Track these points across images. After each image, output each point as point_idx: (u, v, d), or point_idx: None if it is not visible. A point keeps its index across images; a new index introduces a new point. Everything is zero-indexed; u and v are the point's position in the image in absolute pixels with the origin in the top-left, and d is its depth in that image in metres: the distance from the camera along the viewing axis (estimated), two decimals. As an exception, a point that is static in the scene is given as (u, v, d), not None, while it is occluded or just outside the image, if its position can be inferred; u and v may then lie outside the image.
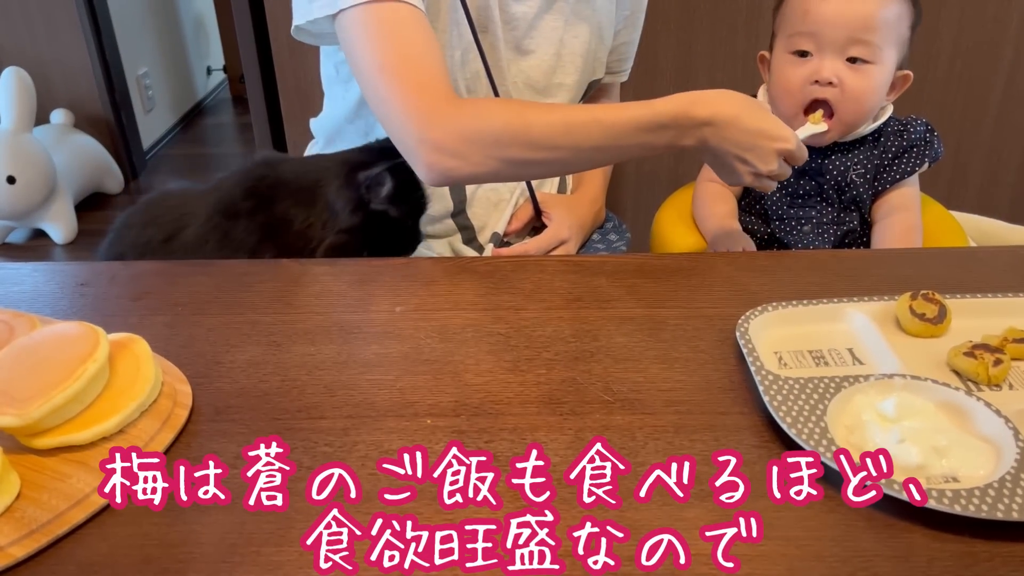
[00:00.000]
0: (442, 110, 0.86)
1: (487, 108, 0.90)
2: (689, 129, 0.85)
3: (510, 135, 0.86)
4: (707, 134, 0.85)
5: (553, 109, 0.92)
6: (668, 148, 0.87)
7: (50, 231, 2.70)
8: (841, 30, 1.05)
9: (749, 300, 0.77)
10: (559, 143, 0.87)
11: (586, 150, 0.87)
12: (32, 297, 0.82)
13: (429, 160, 0.87)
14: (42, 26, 2.87)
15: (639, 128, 0.85)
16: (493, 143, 0.86)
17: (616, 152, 0.91)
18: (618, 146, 0.87)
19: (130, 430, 0.61)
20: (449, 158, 0.86)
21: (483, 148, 0.86)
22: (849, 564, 0.51)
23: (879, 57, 1.06)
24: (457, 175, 0.88)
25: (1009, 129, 2.07)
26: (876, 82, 1.07)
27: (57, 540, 0.53)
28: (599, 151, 0.88)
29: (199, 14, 3.98)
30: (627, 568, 0.51)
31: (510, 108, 0.90)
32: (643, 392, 0.67)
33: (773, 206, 1.15)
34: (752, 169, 0.87)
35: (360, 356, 0.72)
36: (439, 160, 0.86)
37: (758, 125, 0.86)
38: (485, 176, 0.90)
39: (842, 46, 1.05)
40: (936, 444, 0.57)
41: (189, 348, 0.73)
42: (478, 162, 0.86)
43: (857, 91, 1.06)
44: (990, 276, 0.84)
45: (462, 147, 0.86)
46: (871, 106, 1.08)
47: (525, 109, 0.90)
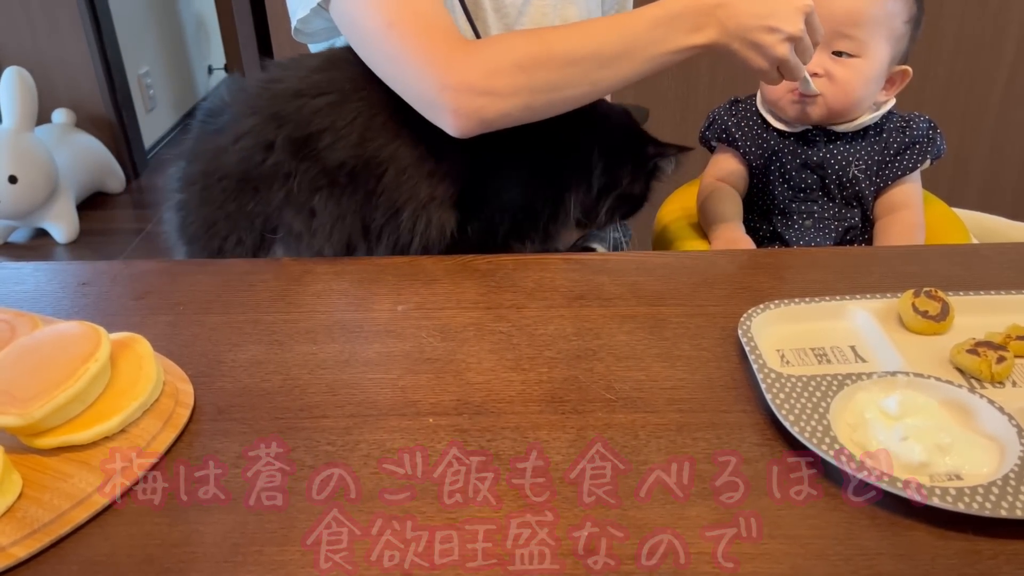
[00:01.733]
0: (460, 52, 0.85)
1: (505, 39, 0.89)
2: (703, 16, 0.84)
3: (532, 56, 0.85)
4: (722, 16, 0.84)
5: (570, 25, 0.91)
6: (689, 50, 0.85)
7: (52, 231, 2.71)
8: (825, 24, 1.06)
9: (751, 298, 0.77)
10: (581, 53, 0.85)
11: (611, 58, 0.85)
12: (34, 297, 0.82)
13: (456, 104, 0.84)
14: (44, 26, 2.87)
15: (655, 23, 0.85)
16: (517, 69, 0.84)
17: (639, 58, 0.87)
18: (639, 48, 0.85)
19: (132, 429, 0.61)
20: (477, 96, 0.84)
21: (509, 77, 0.84)
22: (852, 562, 0.51)
23: (865, 51, 1.07)
24: (488, 114, 0.85)
25: (1011, 126, 2.06)
26: (863, 74, 1.08)
27: (59, 540, 0.53)
28: (622, 58, 0.86)
29: (200, 13, 3.98)
30: (628, 567, 0.51)
31: (527, 33, 0.90)
32: (645, 390, 0.67)
33: (776, 200, 1.16)
34: (782, 35, 0.84)
35: (362, 355, 0.72)
36: (467, 102, 0.84)
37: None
38: (517, 110, 0.86)
39: (827, 40, 1.07)
40: (939, 442, 0.57)
41: (191, 347, 0.73)
42: (507, 94, 0.85)
43: (843, 81, 1.08)
44: (993, 273, 0.84)
45: (487, 82, 0.84)
46: (859, 96, 1.09)
47: (542, 30, 0.89)
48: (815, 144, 1.14)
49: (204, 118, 0.99)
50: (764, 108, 1.18)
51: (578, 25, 0.90)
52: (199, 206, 0.92)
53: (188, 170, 0.95)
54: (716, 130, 1.22)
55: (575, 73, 0.86)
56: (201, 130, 0.97)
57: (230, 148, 0.90)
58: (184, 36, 3.80)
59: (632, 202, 0.98)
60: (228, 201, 0.90)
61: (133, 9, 3.23)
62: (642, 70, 0.87)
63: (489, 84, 0.84)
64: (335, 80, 0.91)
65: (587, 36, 0.86)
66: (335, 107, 0.88)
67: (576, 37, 0.86)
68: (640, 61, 0.87)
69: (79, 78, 2.95)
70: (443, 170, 0.90)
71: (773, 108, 1.16)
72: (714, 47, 0.86)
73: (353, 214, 0.89)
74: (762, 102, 1.19)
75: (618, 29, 0.86)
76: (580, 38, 0.86)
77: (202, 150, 0.94)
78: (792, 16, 0.84)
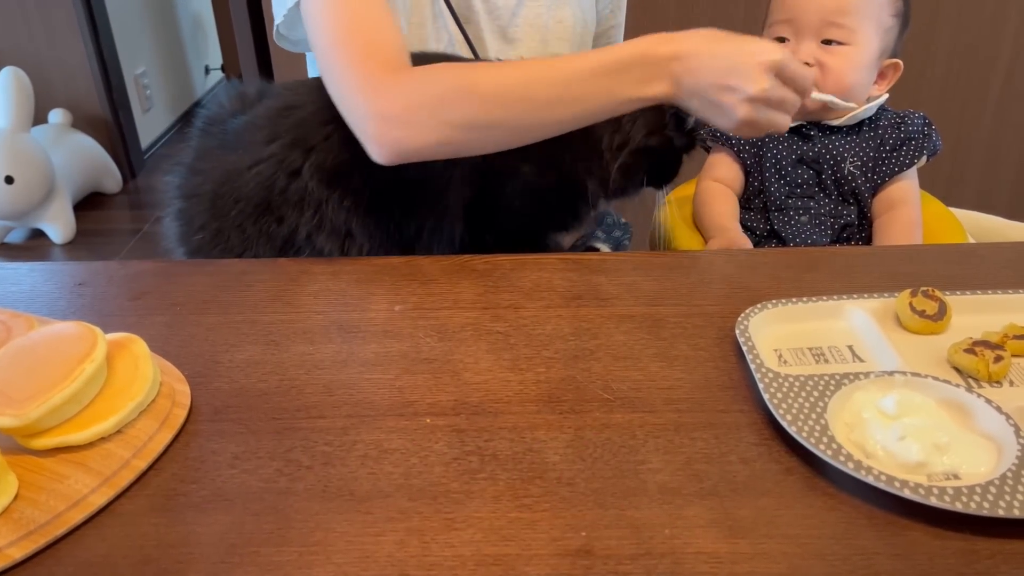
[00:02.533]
0: (388, 77, 0.83)
1: (435, 71, 0.84)
2: (655, 68, 0.78)
3: (455, 92, 0.81)
4: (677, 71, 0.77)
5: (505, 63, 0.86)
6: (638, 100, 0.80)
7: (48, 231, 2.70)
8: (815, 14, 1.09)
9: (749, 297, 0.77)
10: (509, 95, 0.80)
11: (543, 104, 0.80)
12: (30, 297, 0.82)
13: (376, 133, 0.83)
14: (40, 26, 2.86)
15: (599, 71, 0.79)
16: (438, 103, 0.81)
17: (578, 106, 0.81)
18: (579, 96, 0.80)
19: (128, 430, 0.61)
20: (396, 127, 0.82)
21: (428, 112, 0.81)
22: (850, 562, 0.51)
23: (855, 39, 1.09)
24: (405, 147, 0.82)
25: (1008, 126, 2.07)
26: (855, 62, 1.10)
27: (55, 541, 0.53)
28: (558, 104, 0.80)
29: (197, 13, 3.98)
30: (625, 568, 0.51)
31: (458, 67, 0.85)
32: (643, 390, 0.67)
33: (771, 196, 1.16)
34: (742, 95, 0.76)
35: (359, 355, 0.72)
36: (387, 131, 0.82)
37: (732, 46, 0.78)
38: (438, 146, 0.83)
39: (817, 29, 1.09)
40: (937, 441, 0.57)
41: (187, 348, 0.73)
42: (427, 129, 0.81)
43: (836, 68, 1.09)
44: (990, 272, 0.84)
45: (408, 114, 0.81)
46: (852, 83, 1.10)
47: (475, 66, 0.85)
48: (810, 139, 1.14)
49: (204, 126, 0.99)
50: None
51: (514, 65, 0.84)
52: (209, 221, 0.92)
53: (192, 182, 0.94)
54: (711, 129, 1.22)
55: (501, 114, 0.82)
56: (203, 142, 0.97)
57: (246, 172, 0.90)
58: (181, 36, 3.80)
59: (653, 157, 0.92)
60: (246, 222, 0.91)
61: (130, 9, 3.23)
62: (582, 117, 0.82)
63: (409, 116, 0.82)
64: None
65: (519, 77, 0.81)
66: None
67: (508, 77, 0.82)
68: (579, 111, 0.82)
69: (75, 78, 2.94)
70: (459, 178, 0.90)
71: None
72: (670, 101, 0.80)
73: (389, 234, 0.89)
74: None
75: (556, 73, 0.80)
76: (512, 78, 0.81)
77: (210, 168, 0.93)
78: (753, 73, 0.76)
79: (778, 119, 0.80)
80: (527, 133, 0.83)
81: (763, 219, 1.17)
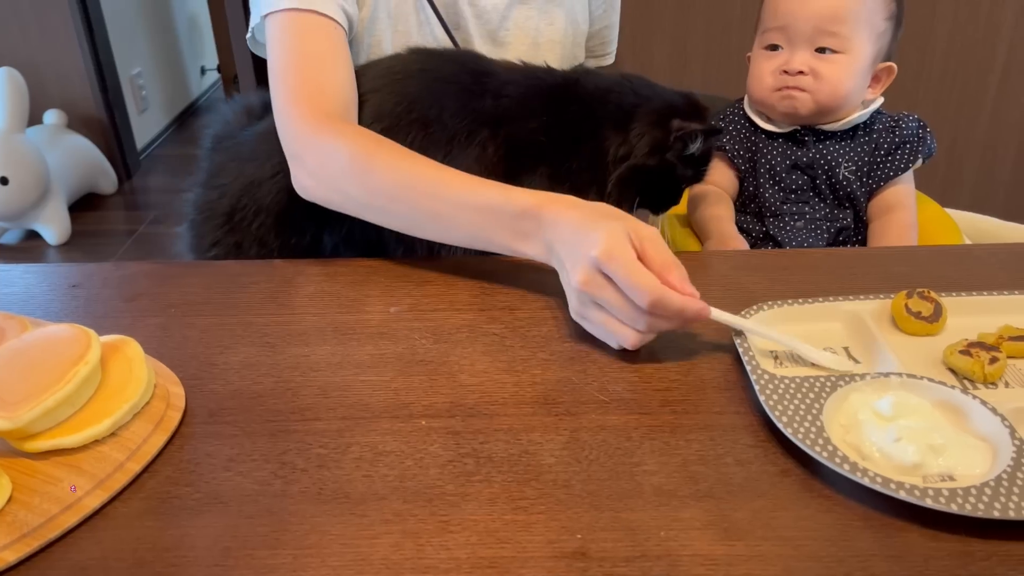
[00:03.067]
0: (312, 124, 0.85)
1: (350, 136, 0.84)
2: (531, 226, 0.74)
3: (353, 170, 0.82)
4: (550, 238, 0.72)
5: (408, 158, 0.82)
6: (511, 251, 0.77)
7: (43, 232, 2.70)
8: (808, 22, 1.09)
9: (745, 299, 0.77)
10: (397, 194, 0.80)
11: (422, 213, 0.80)
12: (23, 299, 0.81)
13: (295, 173, 0.87)
14: (35, 26, 2.86)
15: (484, 208, 0.76)
16: (340, 174, 0.83)
17: (452, 232, 0.80)
18: (455, 223, 0.78)
19: (122, 433, 0.61)
20: (306, 176, 0.86)
21: (331, 177, 0.84)
22: (845, 564, 0.51)
23: (848, 47, 1.09)
24: (312, 196, 0.86)
25: (1004, 127, 2.07)
26: (848, 70, 1.10)
27: (49, 544, 0.53)
28: (436, 219, 0.79)
29: (193, 13, 3.97)
30: (621, 570, 0.51)
31: (367, 142, 0.83)
32: (639, 392, 0.67)
33: (766, 202, 1.16)
34: (564, 279, 0.72)
35: (354, 357, 0.71)
36: (299, 175, 0.87)
37: (587, 226, 0.69)
38: (337, 205, 0.85)
39: (810, 37, 1.09)
40: (932, 443, 0.57)
41: (182, 350, 0.73)
42: (329, 189, 0.85)
43: (830, 77, 1.09)
44: (986, 274, 0.84)
45: (318, 169, 0.85)
46: (846, 91, 1.10)
47: (380, 148, 0.83)
48: (804, 144, 1.14)
49: (214, 144, 1.00)
50: (752, 109, 1.19)
51: (415, 163, 0.81)
52: (225, 236, 0.94)
53: (208, 197, 0.96)
54: None
55: (385, 209, 0.82)
56: (217, 158, 0.98)
57: (268, 181, 0.92)
58: (177, 36, 3.79)
59: (651, 177, 0.90)
60: (268, 235, 0.92)
61: (125, 9, 3.23)
62: (456, 240, 0.80)
63: (317, 171, 0.85)
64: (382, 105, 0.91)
65: (410, 179, 0.80)
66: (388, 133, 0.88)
67: (400, 175, 0.80)
68: (452, 234, 0.80)
69: (71, 79, 2.94)
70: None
71: (761, 107, 1.17)
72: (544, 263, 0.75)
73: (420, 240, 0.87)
74: (749, 103, 1.19)
75: (444, 189, 0.78)
76: (402, 179, 0.80)
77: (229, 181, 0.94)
78: (576, 261, 0.69)
79: (610, 327, 0.69)
80: (410, 230, 0.83)
81: (758, 223, 1.17)
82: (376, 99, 0.92)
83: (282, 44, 0.90)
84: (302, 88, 0.87)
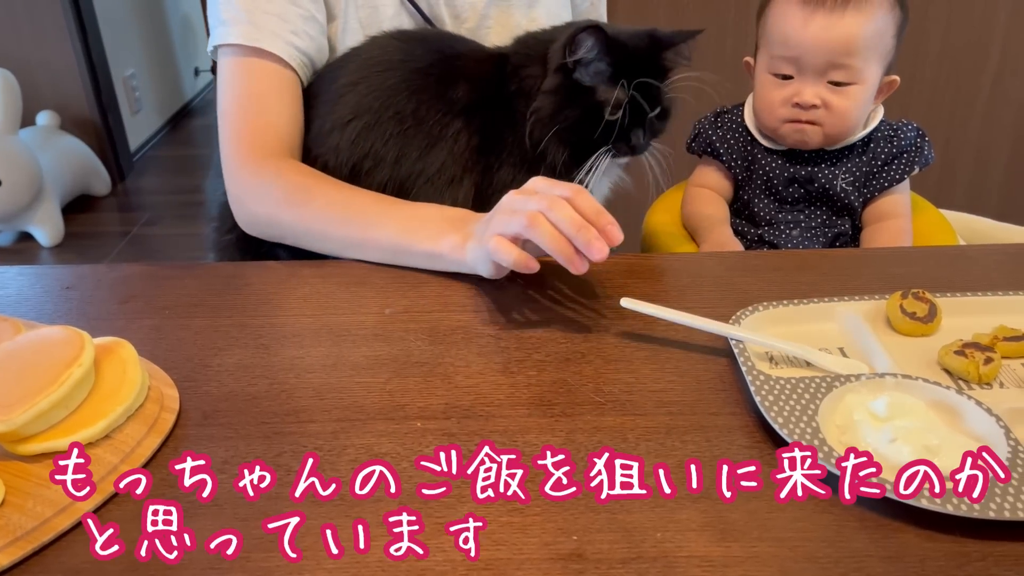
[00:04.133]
0: (251, 167, 0.89)
1: (285, 171, 0.89)
2: (462, 221, 0.81)
3: (290, 208, 0.87)
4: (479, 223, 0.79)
5: (344, 194, 0.87)
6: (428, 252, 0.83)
7: (36, 234, 2.69)
8: (820, 56, 1.05)
9: (740, 300, 0.77)
10: (329, 226, 0.86)
11: (352, 242, 0.85)
12: (17, 301, 0.81)
13: (235, 210, 0.91)
14: (28, 27, 2.85)
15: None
16: (276, 206, 0.88)
17: (377, 254, 0.86)
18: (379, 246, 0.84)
19: (116, 435, 0.60)
20: (247, 215, 0.91)
21: (268, 207, 0.88)
22: (842, 565, 0.51)
23: (861, 77, 1.06)
24: (256, 230, 0.91)
25: (997, 128, 2.08)
26: (859, 100, 1.08)
27: (42, 547, 0.53)
28: (363, 247, 0.85)
29: (186, 15, 3.96)
30: (617, 571, 0.50)
31: (306, 177, 0.89)
32: (634, 393, 0.67)
33: (761, 211, 1.15)
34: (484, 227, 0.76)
35: (349, 359, 0.71)
36: (239, 211, 0.91)
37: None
38: (276, 238, 0.90)
39: (823, 70, 1.06)
40: (927, 443, 0.57)
41: (176, 351, 0.72)
42: (266, 223, 0.89)
43: (841, 109, 1.07)
44: (980, 275, 0.84)
45: (256, 207, 0.89)
46: (856, 120, 1.09)
47: (315, 184, 0.88)
48: (802, 159, 1.13)
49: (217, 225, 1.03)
50: (752, 125, 1.17)
51: (349, 194, 0.87)
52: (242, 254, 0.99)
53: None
54: (701, 143, 1.21)
55: (322, 234, 0.87)
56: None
57: None
58: (170, 38, 3.78)
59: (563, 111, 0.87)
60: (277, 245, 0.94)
61: (118, 10, 3.22)
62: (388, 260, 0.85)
63: (256, 209, 0.89)
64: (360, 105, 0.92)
65: (343, 212, 0.85)
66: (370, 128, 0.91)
67: (333, 207, 0.86)
68: (379, 255, 0.85)
69: (64, 80, 2.93)
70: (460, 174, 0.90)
71: (770, 133, 1.14)
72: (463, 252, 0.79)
73: None
74: (755, 123, 1.17)
75: (369, 219, 0.84)
76: (335, 209, 0.86)
77: None
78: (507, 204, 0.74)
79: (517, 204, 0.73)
80: (346, 254, 0.87)
81: (753, 228, 1.17)
82: (356, 93, 0.92)
83: (229, 84, 0.93)
84: (243, 129, 0.91)
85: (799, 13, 1.06)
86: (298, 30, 0.93)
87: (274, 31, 0.92)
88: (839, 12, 1.04)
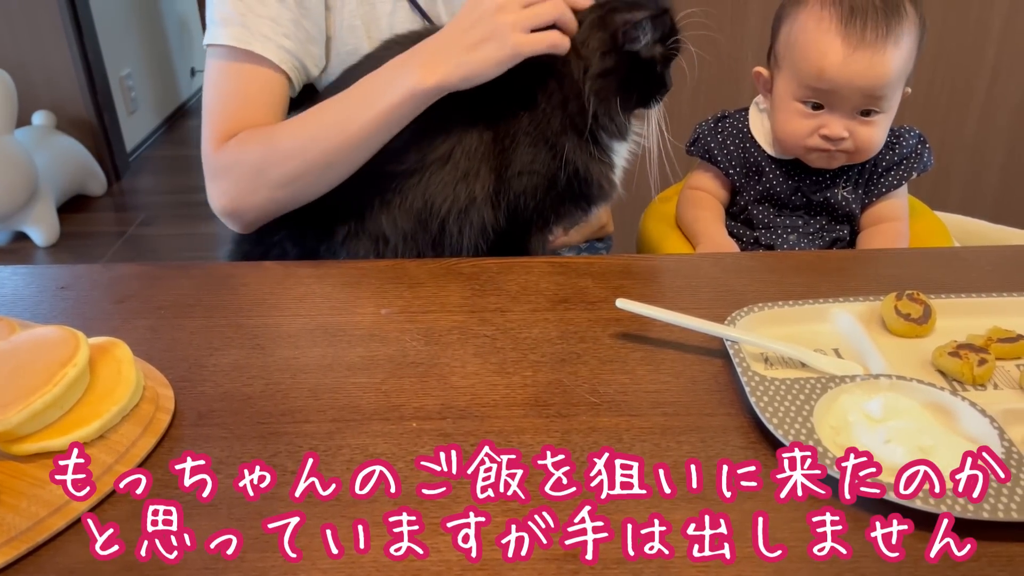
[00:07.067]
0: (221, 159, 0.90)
1: (246, 145, 0.90)
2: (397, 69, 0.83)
3: (264, 158, 0.88)
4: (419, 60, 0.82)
5: (301, 116, 0.90)
6: (400, 102, 0.84)
7: (32, 234, 2.68)
8: (857, 92, 1.02)
9: (735, 301, 0.77)
10: (302, 141, 0.87)
11: (336, 145, 0.85)
12: (11, 301, 0.81)
13: (212, 201, 0.92)
14: (24, 27, 2.84)
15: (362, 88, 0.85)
16: (254, 172, 0.89)
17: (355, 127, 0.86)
18: (352, 119, 0.85)
19: (111, 435, 0.60)
20: (223, 196, 0.91)
21: (249, 181, 0.89)
22: (836, 565, 0.51)
23: (890, 106, 1.05)
24: (237, 212, 0.91)
25: (992, 130, 2.08)
26: (885, 126, 1.06)
27: (36, 548, 0.53)
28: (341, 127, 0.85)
29: (183, 15, 3.96)
30: (613, 571, 0.50)
31: (263, 133, 0.90)
32: (629, 394, 0.67)
33: (759, 215, 1.15)
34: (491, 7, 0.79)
35: (345, 359, 0.71)
36: (217, 199, 0.92)
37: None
38: (265, 208, 0.91)
39: (856, 105, 1.04)
40: (922, 444, 0.57)
41: (171, 352, 0.72)
42: (249, 193, 0.90)
43: (867, 140, 1.05)
44: (974, 276, 0.84)
45: (236, 188, 0.90)
46: (880, 144, 1.08)
47: (275, 127, 0.91)
48: (808, 168, 1.12)
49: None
50: (763, 139, 1.14)
51: (307, 114, 0.89)
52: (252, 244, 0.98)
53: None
54: (700, 148, 1.20)
55: (304, 161, 0.87)
56: None
57: None
58: (166, 38, 3.78)
59: (619, 78, 0.87)
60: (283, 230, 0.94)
61: (115, 10, 3.21)
62: (367, 138, 0.85)
63: (237, 189, 0.90)
64: None
65: (306, 122, 0.88)
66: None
67: (299, 127, 0.88)
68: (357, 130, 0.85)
69: (60, 80, 2.92)
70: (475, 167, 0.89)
71: (792, 153, 1.11)
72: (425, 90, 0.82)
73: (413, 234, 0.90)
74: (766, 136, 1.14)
75: (334, 103, 0.86)
76: (301, 126, 0.88)
77: None
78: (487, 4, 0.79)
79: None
80: (333, 172, 0.88)
81: (749, 231, 1.17)
82: None
83: (216, 83, 0.94)
84: (221, 127, 0.92)
85: (840, 49, 1.01)
86: (290, 33, 0.93)
87: (266, 34, 0.92)
88: (880, 48, 1.00)
